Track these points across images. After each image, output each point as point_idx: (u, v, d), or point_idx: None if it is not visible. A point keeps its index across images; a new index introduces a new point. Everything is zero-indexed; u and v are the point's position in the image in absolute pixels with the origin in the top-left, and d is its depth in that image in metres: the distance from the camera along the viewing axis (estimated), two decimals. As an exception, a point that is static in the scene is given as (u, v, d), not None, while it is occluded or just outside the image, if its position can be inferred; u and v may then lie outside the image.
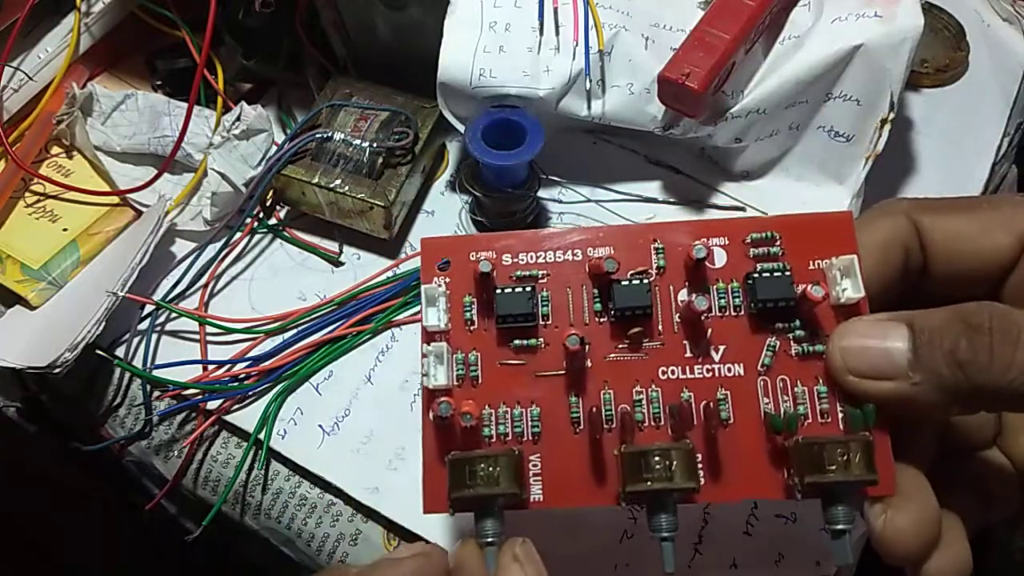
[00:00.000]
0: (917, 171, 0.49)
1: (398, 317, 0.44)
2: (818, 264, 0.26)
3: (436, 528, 0.37)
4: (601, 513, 0.37)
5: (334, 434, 0.41)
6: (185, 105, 0.45)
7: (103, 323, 0.41)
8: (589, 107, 0.44)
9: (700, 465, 0.25)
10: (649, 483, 0.24)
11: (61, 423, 0.48)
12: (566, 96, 0.44)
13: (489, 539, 0.25)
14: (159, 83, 0.52)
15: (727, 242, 0.27)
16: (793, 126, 0.45)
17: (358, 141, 0.45)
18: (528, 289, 0.26)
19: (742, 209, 0.47)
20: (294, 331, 0.43)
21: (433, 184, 0.49)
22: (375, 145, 0.44)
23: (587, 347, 0.26)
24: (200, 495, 0.42)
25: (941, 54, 0.54)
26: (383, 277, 0.45)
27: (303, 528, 0.40)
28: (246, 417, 0.41)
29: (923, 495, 0.25)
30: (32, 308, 0.44)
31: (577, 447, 0.26)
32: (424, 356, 0.26)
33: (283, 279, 0.46)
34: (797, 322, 0.26)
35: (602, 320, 0.27)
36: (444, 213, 0.48)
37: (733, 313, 0.26)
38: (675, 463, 0.24)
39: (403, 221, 0.46)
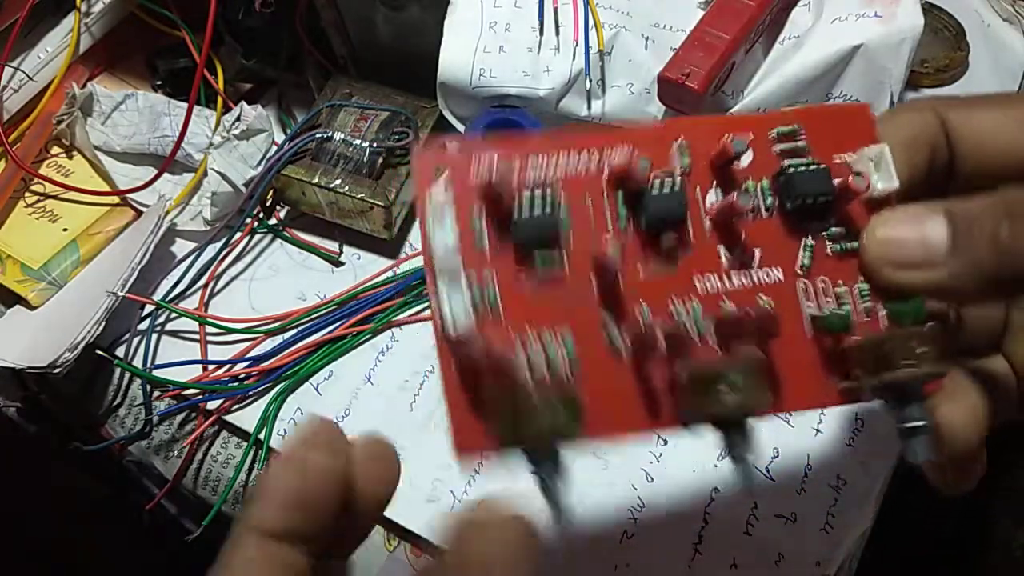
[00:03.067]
0: (917, 171, 0.49)
1: (398, 317, 0.44)
2: (842, 158, 0.25)
3: (436, 526, 0.37)
4: (601, 513, 0.37)
5: (334, 434, 0.41)
6: (185, 105, 0.45)
7: (103, 323, 0.41)
8: (589, 107, 0.44)
9: None
10: (722, 406, 0.22)
11: (61, 423, 0.48)
12: (566, 96, 0.44)
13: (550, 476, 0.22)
14: (159, 83, 0.52)
15: (752, 138, 0.24)
16: (793, 126, 0.45)
17: (358, 141, 0.45)
18: (548, 195, 0.23)
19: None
20: (294, 331, 0.43)
21: (433, 184, 0.49)
22: (375, 145, 0.44)
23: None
24: (200, 495, 0.42)
25: (941, 54, 0.54)
26: (383, 277, 0.45)
27: (303, 528, 0.40)
28: (246, 417, 0.41)
29: (972, 387, 0.25)
30: (32, 308, 0.44)
31: (621, 372, 0.23)
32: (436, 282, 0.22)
33: (283, 279, 0.46)
34: (832, 219, 0.24)
35: (628, 232, 0.24)
36: (444, 213, 0.48)
37: (765, 214, 0.24)
38: (750, 380, 0.22)
39: (403, 221, 0.46)
